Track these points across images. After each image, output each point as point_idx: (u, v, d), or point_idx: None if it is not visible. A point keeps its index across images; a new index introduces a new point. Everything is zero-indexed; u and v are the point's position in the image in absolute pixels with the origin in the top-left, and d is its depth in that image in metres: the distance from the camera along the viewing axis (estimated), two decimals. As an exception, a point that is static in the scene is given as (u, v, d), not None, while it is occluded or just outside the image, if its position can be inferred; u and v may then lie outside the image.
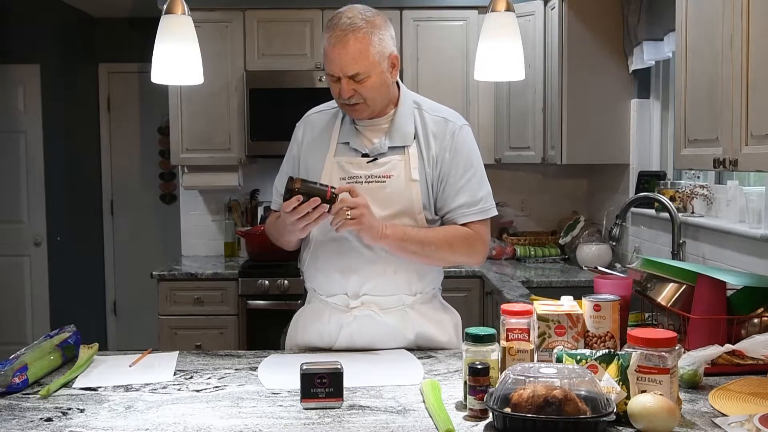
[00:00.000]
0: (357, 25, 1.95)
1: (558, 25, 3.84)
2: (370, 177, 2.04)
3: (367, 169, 2.05)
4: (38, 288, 5.25)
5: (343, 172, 2.05)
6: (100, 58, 5.87)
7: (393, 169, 2.04)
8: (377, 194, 2.02)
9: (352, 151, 2.07)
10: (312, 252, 2.11)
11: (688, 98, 2.25)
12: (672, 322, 2.04)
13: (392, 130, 2.07)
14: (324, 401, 1.59)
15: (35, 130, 5.20)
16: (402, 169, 2.04)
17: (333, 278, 2.07)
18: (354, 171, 2.05)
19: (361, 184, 2.02)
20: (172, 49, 2.28)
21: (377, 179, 2.04)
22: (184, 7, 2.30)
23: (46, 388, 1.70)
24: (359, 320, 2.06)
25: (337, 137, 2.09)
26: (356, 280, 2.05)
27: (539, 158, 4.12)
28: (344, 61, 1.95)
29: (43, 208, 5.23)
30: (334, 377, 1.59)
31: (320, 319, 2.11)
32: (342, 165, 2.06)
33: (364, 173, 2.04)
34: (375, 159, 2.05)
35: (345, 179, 2.04)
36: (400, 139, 2.06)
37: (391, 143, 2.06)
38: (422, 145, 2.07)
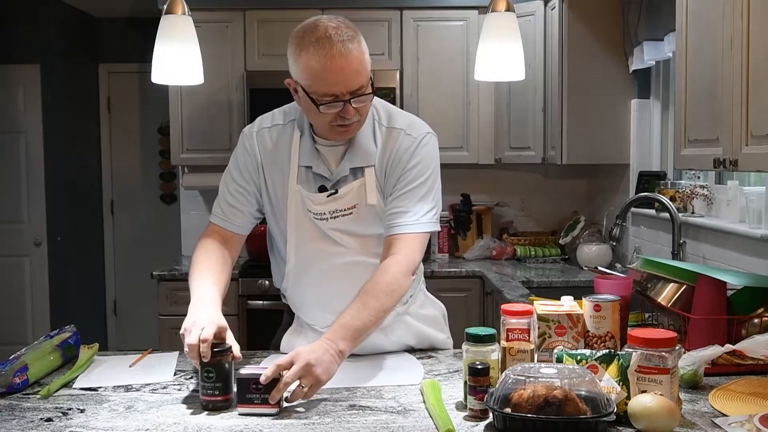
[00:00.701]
0: (348, 34, 1.75)
1: (558, 25, 3.84)
2: (335, 212, 1.90)
3: (330, 203, 1.89)
4: (38, 288, 5.25)
5: (306, 205, 1.90)
6: (100, 58, 5.87)
7: (354, 197, 1.90)
8: (347, 226, 1.91)
9: (314, 177, 1.90)
10: (293, 283, 1.98)
11: (688, 98, 2.25)
12: (672, 322, 2.04)
13: (354, 149, 1.89)
14: (259, 407, 1.55)
15: (35, 130, 5.20)
16: (363, 194, 1.89)
17: (325, 309, 1.93)
18: (316, 208, 1.89)
19: (327, 221, 1.89)
20: (173, 49, 2.28)
21: (343, 213, 1.90)
22: (184, 7, 2.31)
23: (46, 388, 1.70)
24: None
25: (297, 159, 1.90)
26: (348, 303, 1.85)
27: (539, 158, 4.12)
28: (349, 76, 1.74)
29: (43, 208, 5.23)
30: (270, 383, 1.55)
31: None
32: (304, 200, 1.90)
33: (328, 209, 1.89)
34: (335, 192, 1.89)
35: (312, 213, 1.89)
36: (362, 159, 1.89)
37: (352, 164, 1.89)
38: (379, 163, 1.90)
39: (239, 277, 4.04)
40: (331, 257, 1.93)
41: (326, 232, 1.91)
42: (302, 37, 1.75)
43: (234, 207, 1.97)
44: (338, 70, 1.72)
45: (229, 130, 4.34)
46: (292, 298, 2.04)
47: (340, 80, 1.73)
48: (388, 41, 4.28)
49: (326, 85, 1.73)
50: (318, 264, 1.93)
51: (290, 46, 1.79)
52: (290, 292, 2.03)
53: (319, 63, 1.72)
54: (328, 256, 1.93)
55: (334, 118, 1.79)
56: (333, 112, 1.77)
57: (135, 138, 5.95)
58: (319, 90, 1.75)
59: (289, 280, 1.99)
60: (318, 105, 1.76)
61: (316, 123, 1.86)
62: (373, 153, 1.90)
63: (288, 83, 1.84)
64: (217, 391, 1.59)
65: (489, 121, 4.33)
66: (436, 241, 4.46)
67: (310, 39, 1.73)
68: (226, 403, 1.59)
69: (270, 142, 1.95)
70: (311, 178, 1.91)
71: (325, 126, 1.82)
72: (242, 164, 1.97)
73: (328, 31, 1.73)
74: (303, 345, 1.85)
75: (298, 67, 1.77)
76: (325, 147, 1.91)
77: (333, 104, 1.75)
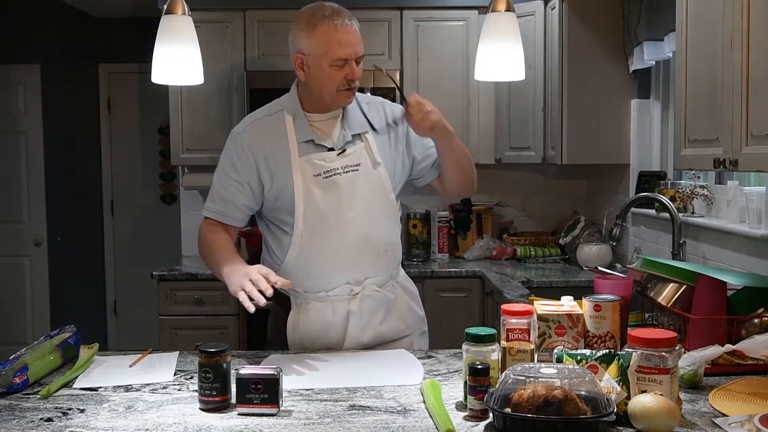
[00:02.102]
0: (349, 14, 2.08)
1: (558, 25, 3.84)
2: (346, 167, 2.12)
3: (339, 160, 2.12)
4: (38, 288, 5.25)
5: (315, 169, 2.10)
6: (100, 58, 5.87)
7: (360, 156, 2.14)
8: (354, 182, 2.11)
9: (317, 147, 2.12)
10: (300, 251, 2.12)
11: (688, 98, 2.25)
12: (672, 323, 2.04)
13: (347, 120, 2.17)
14: (258, 407, 1.56)
15: (35, 130, 5.20)
16: (366, 155, 2.15)
17: (334, 272, 2.12)
18: (328, 165, 2.10)
19: (340, 176, 2.10)
20: (173, 49, 2.28)
21: (352, 168, 2.12)
22: (184, 7, 2.31)
23: (46, 388, 1.70)
24: (363, 302, 2.14)
25: (294, 137, 2.12)
26: (358, 267, 2.13)
27: (539, 158, 4.12)
28: (355, 42, 2.06)
29: (43, 208, 5.23)
30: (270, 383, 1.56)
31: (323, 317, 2.14)
32: (312, 162, 2.10)
33: (339, 165, 2.11)
34: (343, 150, 2.13)
35: (320, 175, 2.09)
36: (359, 127, 2.17)
37: (352, 131, 2.15)
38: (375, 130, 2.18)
39: (239, 277, 4.03)
40: (340, 217, 2.09)
41: (337, 188, 2.09)
42: (313, 14, 2.07)
43: (228, 201, 2.17)
44: (351, 38, 2.05)
45: (229, 130, 4.30)
46: (295, 269, 2.13)
47: (352, 45, 2.05)
48: (388, 41, 4.28)
49: (341, 49, 2.04)
50: (326, 225, 2.10)
51: (300, 24, 2.09)
52: (294, 266, 2.13)
53: (334, 31, 2.04)
54: (337, 215, 2.09)
55: (342, 82, 2.07)
56: (342, 75, 2.06)
57: (135, 138, 5.95)
58: (334, 55, 2.04)
59: (294, 249, 2.11)
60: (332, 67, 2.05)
61: (325, 90, 2.09)
62: (364, 121, 2.18)
63: (296, 59, 2.11)
64: (215, 392, 1.59)
65: (489, 121, 4.33)
66: (436, 241, 4.47)
67: (323, 14, 2.05)
68: (224, 404, 1.60)
69: (262, 131, 2.16)
70: (314, 149, 2.12)
71: (333, 92, 2.09)
72: (236, 160, 2.16)
73: (335, 9, 2.07)
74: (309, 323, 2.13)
75: (312, 39, 2.05)
76: (320, 121, 2.15)
77: (337, 69, 2.05)
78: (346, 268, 2.12)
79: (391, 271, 2.23)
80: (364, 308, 2.15)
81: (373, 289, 2.16)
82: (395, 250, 2.23)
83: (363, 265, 2.14)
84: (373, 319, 2.16)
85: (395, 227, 2.23)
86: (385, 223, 2.18)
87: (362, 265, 2.14)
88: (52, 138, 5.25)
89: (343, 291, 2.14)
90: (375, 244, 2.14)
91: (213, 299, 4.02)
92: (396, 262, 2.25)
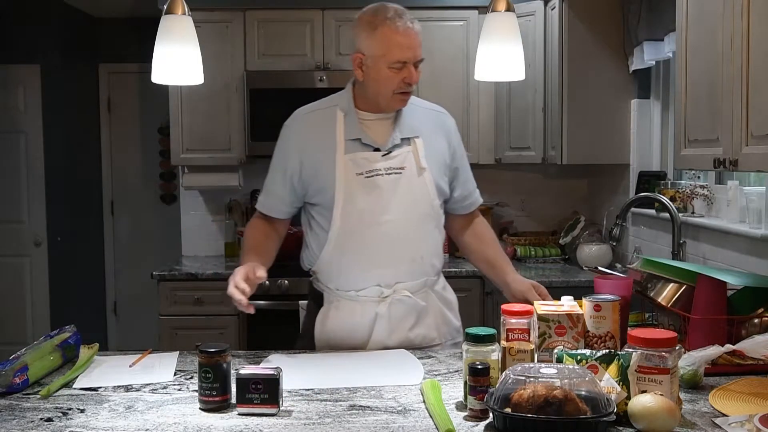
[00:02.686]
0: (411, 17, 2.09)
1: (558, 25, 3.84)
2: (389, 169, 2.11)
3: (384, 161, 2.12)
4: (38, 288, 5.25)
5: (358, 167, 2.10)
6: (100, 58, 5.86)
7: (405, 160, 2.13)
8: (395, 185, 2.11)
9: (363, 146, 2.12)
10: (335, 248, 2.13)
11: (689, 98, 2.25)
12: (672, 323, 2.04)
13: (400, 123, 2.16)
14: (259, 407, 1.56)
15: (35, 130, 5.20)
16: (412, 159, 2.14)
17: (366, 273, 2.12)
18: (371, 165, 2.11)
19: (382, 177, 2.10)
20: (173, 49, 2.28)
21: (395, 171, 2.12)
22: (185, 7, 2.30)
23: (46, 388, 1.70)
24: (393, 306, 2.12)
25: (343, 134, 2.12)
26: (390, 270, 2.12)
27: (539, 158, 4.12)
28: (415, 45, 2.07)
29: (43, 208, 5.23)
30: (270, 383, 1.56)
31: (352, 317, 2.13)
32: (356, 161, 2.10)
33: (383, 166, 2.11)
34: (389, 152, 2.12)
35: (362, 174, 2.10)
36: (410, 131, 2.16)
37: (403, 134, 2.15)
38: (425, 136, 2.17)
39: (239, 277, 4.03)
40: (377, 218, 2.10)
41: (377, 189, 2.10)
42: (375, 15, 2.08)
43: (273, 193, 2.21)
44: (411, 40, 2.06)
45: (229, 130, 4.34)
46: (329, 267, 2.16)
47: (412, 48, 2.06)
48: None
49: (401, 51, 2.05)
50: (363, 224, 2.10)
51: (361, 24, 2.10)
52: (328, 262, 2.15)
53: (395, 33, 2.04)
54: (374, 216, 2.10)
55: (399, 85, 2.08)
56: (400, 78, 2.06)
57: (135, 138, 5.95)
58: (393, 57, 2.05)
59: (330, 246, 2.13)
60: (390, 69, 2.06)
61: (381, 92, 2.10)
62: (416, 126, 2.17)
63: (354, 58, 2.11)
64: (215, 392, 1.59)
65: (489, 121, 4.33)
66: (436, 241, 4.46)
67: (385, 15, 2.06)
68: (224, 404, 1.60)
69: (311, 125, 2.18)
70: (360, 147, 2.12)
71: (389, 95, 2.10)
72: (283, 153, 2.19)
73: (397, 11, 2.08)
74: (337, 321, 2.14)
75: (373, 40, 2.06)
76: (372, 121, 2.15)
77: (395, 71, 2.05)
78: (377, 270, 2.12)
79: (427, 279, 2.19)
80: (393, 312, 2.13)
81: (404, 294, 2.13)
82: (432, 257, 2.20)
83: (395, 269, 2.13)
84: (402, 325, 2.14)
85: (435, 234, 2.21)
86: (423, 229, 2.16)
87: (394, 269, 2.12)
88: (52, 138, 5.25)
89: (372, 292, 2.13)
90: (410, 249, 2.13)
91: (213, 299, 4.02)
92: (433, 269, 2.21)
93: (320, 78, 4.17)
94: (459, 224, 2.34)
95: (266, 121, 4.23)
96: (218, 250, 4.67)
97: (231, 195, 4.67)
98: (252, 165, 4.56)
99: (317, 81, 4.18)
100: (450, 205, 2.28)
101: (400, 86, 2.08)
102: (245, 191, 4.66)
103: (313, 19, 4.29)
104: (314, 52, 4.29)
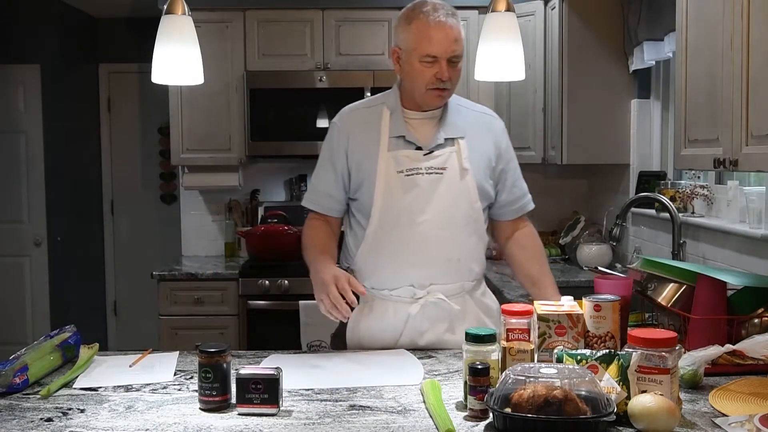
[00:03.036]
0: (450, 11, 2.07)
1: (558, 25, 3.84)
2: (430, 168, 2.09)
3: (425, 161, 2.09)
4: (38, 288, 5.25)
5: (399, 165, 2.09)
6: (100, 58, 5.86)
7: (447, 160, 2.11)
8: (435, 185, 2.09)
9: (406, 144, 2.11)
10: (371, 246, 2.12)
11: (689, 98, 2.25)
12: (672, 322, 2.04)
13: (445, 123, 2.14)
14: (258, 407, 1.56)
15: (35, 130, 5.19)
16: (455, 160, 2.11)
17: (399, 272, 2.10)
18: (412, 164, 2.09)
19: (422, 176, 2.08)
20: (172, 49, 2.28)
21: (436, 171, 2.09)
22: (184, 7, 2.30)
23: (46, 388, 1.70)
24: (426, 309, 2.10)
25: (387, 131, 2.11)
26: (424, 270, 2.10)
27: (539, 158, 4.12)
28: (450, 40, 2.03)
29: (43, 208, 5.22)
30: (270, 383, 1.56)
31: (384, 316, 2.12)
32: (398, 159, 2.09)
33: (424, 165, 2.09)
34: (431, 152, 2.10)
35: (403, 172, 2.08)
36: (454, 131, 2.14)
37: (447, 135, 2.12)
38: (470, 138, 2.14)
39: (239, 277, 4.03)
40: (414, 217, 2.08)
41: (417, 188, 2.07)
42: (413, 9, 2.07)
43: (321, 191, 2.19)
44: (443, 35, 2.02)
45: (229, 130, 4.34)
46: (365, 264, 2.14)
47: (442, 42, 2.02)
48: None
49: (430, 45, 2.02)
50: (400, 223, 2.08)
51: (400, 18, 2.10)
52: (364, 259, 2.14)
53: (426, 26, 2.03)
54: (412, 215, 2.08)
55: (432, 80, 2.05)
56: (432, 73, 2.04)
57: (135, 138, 5.95)
58: (422, 51, 2.03)
59: (367, 243, 2.12)
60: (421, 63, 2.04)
61: (415, 87, 2.09)
62: (461, 127, 2.15)
63: (392, 52, 2.13)
64: (215, 392, 1.59)
65: (489, 121, 4.32)
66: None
67: (421, 9, 2.05)
68: (224, 404, 1.60)
69: (359, 120, 2.17)
70: (403, 145, 2.11)
71: (423, 90, 2.08)
72: (330, 149, 2.18)
73: (436, 5, 2.06)
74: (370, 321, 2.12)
75: (407, 33, 2.06)
76: (417, 119, 2.14)
77: (428, 66, 2.03)
78: (411, 269, 2.09)
79: (464, 282, 2.15)
80: (425, 315, 2.10)
81: (437, 297, 2.10)
82: (471, 261, 2.16)
83: (429, 270, 2.10)
84: (435, 328, 2.11)
85: (475, 238, 2.16)
86: (462, 231, 2.12)
87: (428, 270, 2.10)
88: (52, 138, 5.24)
89: (405, 293, 2.11)
90: (446, 251, 2.10)
91: (213, 299, 4.02)
92: (471, 273, 2.17)
93: (320, 78, 4.17)
94: (505, 232, 2.28)
95: (266, 121, 4.23)
96: (218, 250, 4.67)
97: (231, 195, 4.67)
98: (252, 165, 4.57)
99: (317, 81, 4.18)
100: (495, 209, 2.23)
101: (432, 81, 2.05)
102: (245, 191, 4.67)
103: (313, 19, 4.29)
104: (314, 52, 4.29)
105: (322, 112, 4.20)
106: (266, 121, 4.23)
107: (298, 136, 4.20)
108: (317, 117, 4.20)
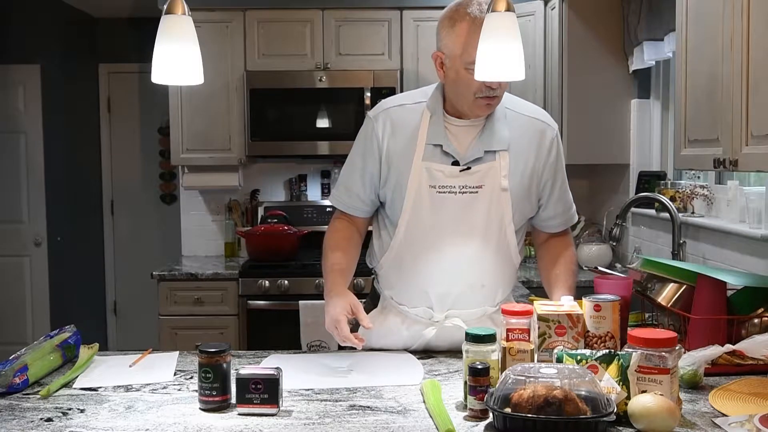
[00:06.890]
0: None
1: (558, 25, 3.84)
2: (464, 187, 1.92)
3: (459, 178, 1.92)
4: (38, 288, 5.25)
5: (433, 180, 1.92)
6: (100, 58, 5.86)
7: (484, 177, 1.93)
8: (468, 205, 1.93)
9: (442, 155, 1.93)
10: (395, 258, 2.00)
11: (689, 98, 2.25)
12: (672, 323, 2.04)
13: (487, 133, 1.94)
14: (258, 407, 1.56)
15: (35, 130, 5.20)
16: (493, 177, 1.93)
17: (419, 291, 1.99)
18: (445, 181, 1.92)
19: (454, 195, 1.92)
20: (172, 49, 2.27)
21: (470, 190, 1.92)
22: (184, 7, 2.30)
23: (46, 388, 1.70)
24: (442, 333, 2.01)
25: (425, 137, 1.94)
26: (444, 294, 1.98)
27: (539, 158, 4.12)
28: None
29: (43, 208, 5.23)
30: (270, 383, 1.55)
31: (398, 331, 2.04)
32: (432, 172, 1.92)
33: (457, 183, 1.92)
34: (468, 167, 1.92)
35: (435, 188, 1.93)
36: (497, 143, 1.94)
37: (487, 147, 1.93)
38: (515, 149, 1.96)
39: (239, 277, 4.03)
40: (441, 236, 1.94)
41: (447, 207, 1.92)
42: (456, 11, 1.87)
43: (350, 190, 2.04)
44: None
45: (229, 130, 4.34)
46: (387, 274, 2.05)
47: None
48: (388, 41, 4.28)
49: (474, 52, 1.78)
50: (426, 241, 1.95)
51: (443, 19, 1.90)
52: (387, 269, 2.04)
53: (473, 30, 1.81)
54: (439, 234, 1.94)
55: (480, 89, 1.86)
56: (480, 81, 1.81)
57: (135, 138, 5.95)
58: (469, 57, 1.80)
59: (391, 253, 2.00)
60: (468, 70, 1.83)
61: (461, 96, 1.90)
62: (506, 138, 1.95)
63: (435, 57, 1.93)
64: (215, 392, 1.59)
65: (489, 121, 4.32)
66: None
67: (465, 11, 1.85)
68: (224, 404, 1.60)
69: (399, 120, 1.98)
70: (439, 156, 1.93)
71: (470, 99, 1.89)
72: (363, 146, 2.01)
73: (481, 7, 1.85)
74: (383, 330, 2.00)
75: (451, 37, 1.87)
76: (458, 127, 1.95)
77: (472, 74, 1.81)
78: (432, 291, 1.97)
79: (486, 308, 2.02)
80: (440, 338, 2.00)
81: (454, 323, 1.98)
82: (497, 286, 2.01)
83: (451, 295, 1.97)
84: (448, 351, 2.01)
85: (504, 262, 2.01)
86: (491, 256, 1.97)
87: (450, 294, 1.97)
88: (52, 138, 5.25)
89: (422, 313, 2.01)
90: (471, 277, 1.96)
91: (213, 299, 4.02)
92: (495, 299, 2.02)
93: (320, 78, 4.17)
94: (541, 237, 2.17)
95: (266, 121, 4.23)
96: (218, 250, 4.67)
97: (231, 195, 4.67)
98: (252, 165, 4.57)
99: (317, 81, 4.18)
100: (536, 221, 2.10)
101: (481, 90, 1.86)
102: (245, 191, 4.67)
103: (313, 19, 4.29)
104: (314, 52, 4.29)
105: (322, 112, 4.21)
106: (266, 121, 4.23)
107: (298, 136, 4.20)
108: (317, 117, 4.21)
